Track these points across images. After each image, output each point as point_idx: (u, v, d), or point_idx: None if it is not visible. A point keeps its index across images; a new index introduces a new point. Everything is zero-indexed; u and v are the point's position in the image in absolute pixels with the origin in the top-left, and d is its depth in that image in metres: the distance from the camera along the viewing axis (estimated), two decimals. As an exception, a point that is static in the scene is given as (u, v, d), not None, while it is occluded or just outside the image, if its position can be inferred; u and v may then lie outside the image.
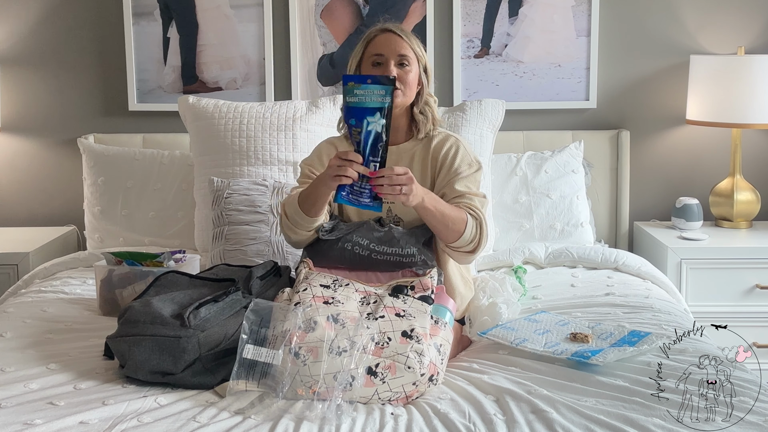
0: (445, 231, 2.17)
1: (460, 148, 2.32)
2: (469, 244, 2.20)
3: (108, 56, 3.40)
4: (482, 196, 2.28)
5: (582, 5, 3.33)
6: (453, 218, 2.16)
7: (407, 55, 2.28)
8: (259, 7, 3.34)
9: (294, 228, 2.24)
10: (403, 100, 2.27)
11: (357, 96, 1.99)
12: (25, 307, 2.48)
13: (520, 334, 2.12)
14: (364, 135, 2.00)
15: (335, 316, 1.89)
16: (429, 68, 2.35)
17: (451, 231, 2.16)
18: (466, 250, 2.21)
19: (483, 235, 2.21)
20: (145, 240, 3.11)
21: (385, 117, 1.99)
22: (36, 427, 1.67)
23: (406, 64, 2.27)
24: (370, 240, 2.16)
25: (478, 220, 2.21)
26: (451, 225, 2.16)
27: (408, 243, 2.15)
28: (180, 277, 2.19)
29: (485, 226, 2.22)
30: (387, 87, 1.99)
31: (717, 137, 3.41)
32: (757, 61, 3.14)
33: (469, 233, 2.18)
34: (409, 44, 2.29)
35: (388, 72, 2.24)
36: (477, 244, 2.21)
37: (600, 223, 3.33)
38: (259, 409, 1.75)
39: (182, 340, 1.86)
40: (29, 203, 3.47)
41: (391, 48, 2.27)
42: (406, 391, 1.82)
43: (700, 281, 3.06)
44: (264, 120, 2.99)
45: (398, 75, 2.24)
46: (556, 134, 3.34)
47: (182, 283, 2.16)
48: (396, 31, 2.30)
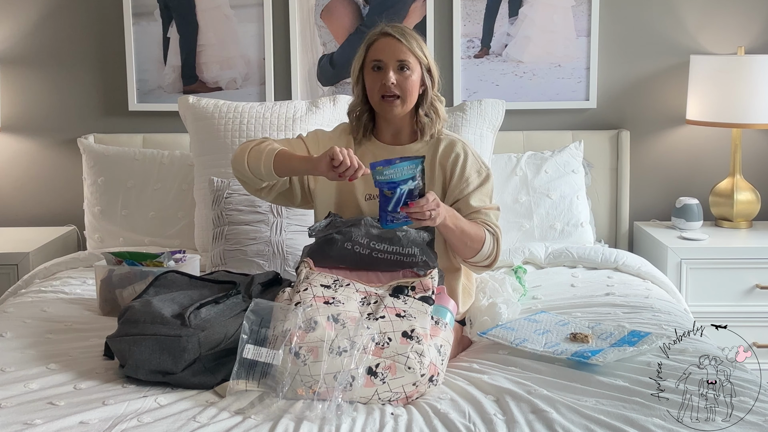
0: (464, 248, 2.20)
1: (469, 155, 2.31)
2: (485, 260, 2.23)
3: (108, 56, 3.40)
4: (496, 209, 2.30)
5: (582, 5, 3.33)
6: (472, 236, 2.18)
7: (407, 60, 2.24)
8: (259, 7, 3.34)
9: (246, 173, 2.23)
10: (402, 109, 2.27)
11: (386, 176, 2.00)
12: (25, 307, 2.48)
13: (520, 334, 2.12)
14: (398, 194, 2.01)
15: (336, 316, 1.89)
16: (434, 68, 2.31)
17: (469, 248, 2.20)
18: (482, 265, 2.25)
19: (499, 250, 2.25)
20: (145, 240, 3.11)
21: (420, 179, 2.01)
22: (36, 427, 1.67)
23: (406, 69, 2.24)
24: (370, 238, 2.15)
25: (495, 236, 2.24)
26: (469, 243, 2.18)
27: (410, 243, 2.14)
28: (180, 277, 2.19)
29: (501, 240, 2.26)
30: (416, 161, 2.01)
31: (717, 137, 3.41)
32: (757, 61, 3.14)
33: (487, 249, 2.21)
34: (409, 48, 2.25)
35: (386, 79, 2.22)
36: (493, 260, 2.25)
37: (600, 223, 3.33)
38: (259, 409, 1.76)
39: (182, 339, 1.86)
40: (29, 203, 3.47)
41: (390, 53, 2.24)
42: (406, 392, 1.82)
43: (700, 281, 3.06)
44: (264, 120, 2.99)
45: (397, 80, 2.23)
46: (556, 134, 3.34)
47: (182, 284, 2.16)
48: (396, 35, 2.25)
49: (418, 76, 2.27)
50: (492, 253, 2.23)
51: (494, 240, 2.23)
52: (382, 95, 2.25)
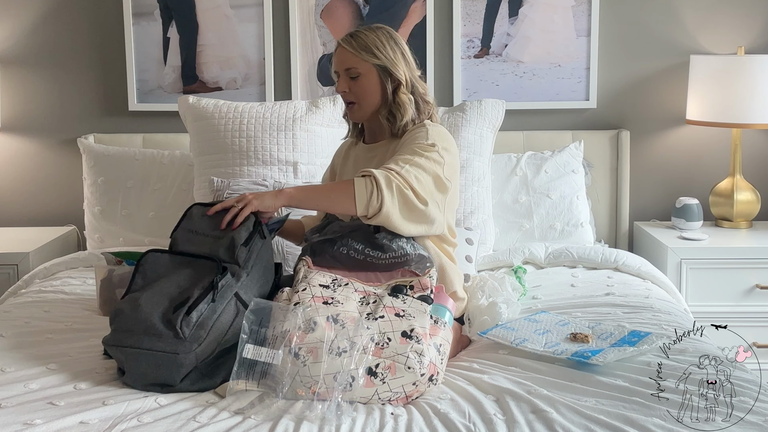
0: (332, 204, 2.14)
1: (423, 130, 2.24)
2: (376, 202, 2.08)
3: (108, 56, 3.40)
4: (407, 160, 2.14)
5: (582, 5, 3.33)
6: (332, 187, 2.17)
7: (354, 66, 2.25)
8: (259, 7, 3.34)
9: None
10: (362, 113, 2.30)
11: None
12: (25, 307, 2.48)
13: (520, 334, 2.12)
14: None
15: (335, 317, 1.88)
16: (398, 66, 2.26)
17: (339, 200, 2.11)
18: (374, 211, 2.09)
19: (380, 186, 2.07)
20: (145, 240, 3.11)
21: None
22: (36, 427, 1.67)
23: (354, 76, 2.27)
24: (365, 245, 2.15)
25: (368, 176, 2.10)
26: (333, 195, 2.13)
27: (397, 243, 2.14)
28: (161, 256, 2.09)
29: (382, 178, 2.08)
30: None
31: (717, 137, 3.41)
32: (757, 61, 3.14)
33: (363, 190, 2.08)
34: (356, 53, 2.24)
35: (338, 88, 2.29)
36: (380, 200, 2.07)
37: (600, 223, 3.33)
38: (259, 409, 1.75)
39: (179, 357, 1.84)
40: (29, 203, 3.47)
41: (338, 62, 2.30)
42: (406, 391, 1.82)
43: (700, 281, 3.06)
44: (264, 120, 2.99)
45: (350, 87, 2.27)
46: (556, 134, 3.34)
47: (165, 264, 2.07)
48: (343, 44, 2.28)
49: (372, 80, 2.27)
50: (373, 194, 2.07)
51: (368, 180, 2.08)
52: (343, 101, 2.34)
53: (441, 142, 2.22)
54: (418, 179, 2.13)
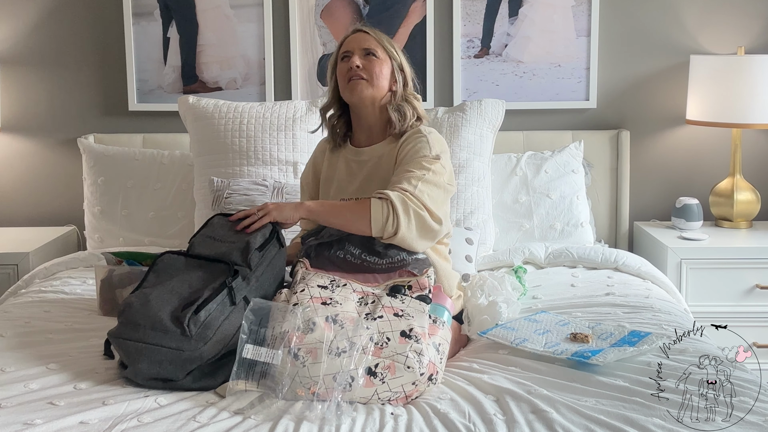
0: (347, 222, 2.14)
1: (429, 139, 2.26)
2: (391, 227, 2.10)
3: (108, 56, 3.40)
4: (419, 177, 2.15)
5: (582, 5, 3.33)
6: (349, 207, 2.16)
7: (373, 48, 2.31)
8: (259, 7, 3.35)
9: None
10: (372, 91, 2.29)
11: None
12: (25, 307, 2.48)
13: (520, 334, 2.12)
14: None
15: (334, 317, 1.88)
16: (406, 68, 2.36)
17: (354, 220, 2.11)
18: (389, 234, 2.11)
19: (397, 211, 2.08)
20: (145, 240, 3.11)
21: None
22: (36, 427, 1.67)
23: (373, 55, 2.30)
24: (362, 250, 2.16)
25: (384, 199, 2.10)
26: (350, 215, 2.13)
27: (393, 250, 2.14)
28: (176, 258, 2.10)
29: (398, 202, 2.09)
30: None
31: (717, 137, 3.41)
32: (757, 61, 3.14)
33: (378, 215, 2.09)
34: (379, 41, 2.32)
35: (351, 62, 2.28)
36: (396, 224, 2.08)
37: (600, 223, 3.33)
38: (258, 410, 1.75)
39: (185, 354, 1.85)
40: (29, 203, 3.47)
41: (356, 43, 2.33)
42: (405, 391, 1.82)
43: (700, 281, 3.06)
44: (264, 120, 2.99)
45: (363, 64, 2.29)
46: (556, 134, 3.34)
47: (179, 266, 2.08)
48: (365, 30, 2.34)
49: (387, 67, 2.32)
50: (389, 217, 2.08)
51: (384, 203, 2.09)
52: (349, 79, 2.30)
53: (442, 151, 2.27)
54: (431, 197, 2.16)
